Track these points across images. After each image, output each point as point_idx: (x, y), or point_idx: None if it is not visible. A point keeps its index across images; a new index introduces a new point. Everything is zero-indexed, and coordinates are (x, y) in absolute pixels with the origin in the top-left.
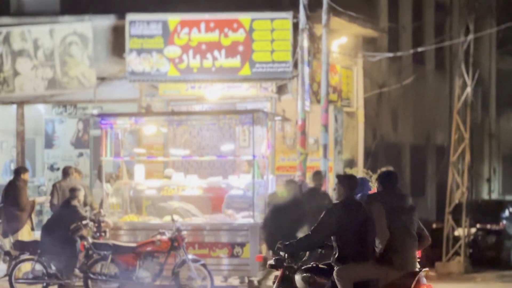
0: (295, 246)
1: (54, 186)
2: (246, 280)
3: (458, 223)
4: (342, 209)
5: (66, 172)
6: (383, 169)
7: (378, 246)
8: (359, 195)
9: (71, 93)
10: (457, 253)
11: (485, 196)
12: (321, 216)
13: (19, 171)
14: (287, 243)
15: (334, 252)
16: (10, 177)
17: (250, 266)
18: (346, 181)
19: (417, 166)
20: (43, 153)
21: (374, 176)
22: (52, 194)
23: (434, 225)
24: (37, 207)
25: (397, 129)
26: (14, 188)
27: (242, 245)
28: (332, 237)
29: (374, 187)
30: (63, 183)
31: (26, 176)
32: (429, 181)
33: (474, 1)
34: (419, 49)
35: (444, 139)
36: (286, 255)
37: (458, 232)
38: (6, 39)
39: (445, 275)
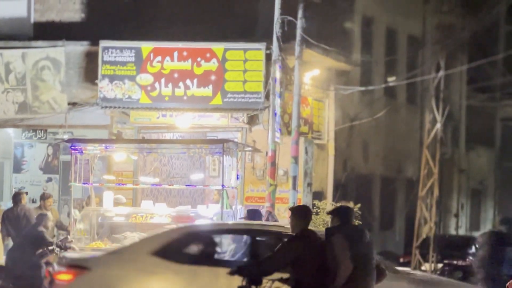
0: (256, 270)
1: (2, 216)
2: None
3: (425, 258)
4: (299, 241)
5: (16, 198)
6: (339, 204)
7: (338, 278)
8: None
9: (41, 117)
10: None
11: (452, 231)
12: (278, 248)
13: None
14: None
15: (292, 284)
16: None
17: None
18: (299, 212)
19: (386, 198)
20: (11, 177)
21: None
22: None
23: (401, 259)
24: None
25: (368, 161)
26: None
27: None
28: (289, 268)
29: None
30: (13, 210)
31: None
32: (398, 214)
33: (446, 38)
34: (391, 84)
35: (414, 172)
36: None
37: (425, 267)
38: None
39: None
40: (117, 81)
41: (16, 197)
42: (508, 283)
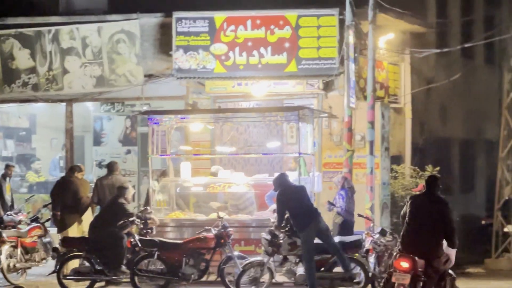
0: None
1: (96, 183)
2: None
3: (507, 220)
4: None
5: (111, 168)
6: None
7: None
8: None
9: (119, 90)
10: (506, 250)
11: None
12: None
13: (74, 169)
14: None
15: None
16: (59, 173)
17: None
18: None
19: (466, 161)
20: (92, 150)
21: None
22: (93, 191)
23: (483, 221)
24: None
25: (446, 124)
26: (71, 185)
27: None
28: None
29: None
30: (105, 180)
31: (80, 175)
32: (479, 177)
33: None
34: (468, 45)
35: (494, 134)
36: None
37: (508, 228)
38: (55, 38)
39: (495, 272)
40: (191, 52)
41: (111, 166)
42: None
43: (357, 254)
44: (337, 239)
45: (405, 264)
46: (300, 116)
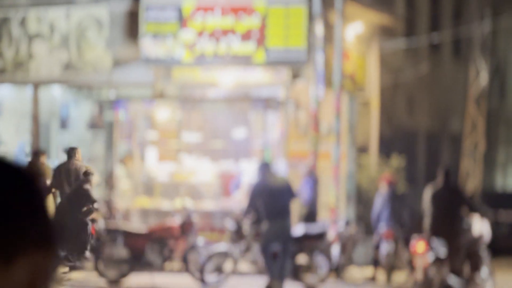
0: None
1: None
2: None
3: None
4: None
5: (68, 154)
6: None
7: None
8: None
9: (86, 76)
10: None
11: (499, 186)
12: None
13: (37, 153)
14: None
15: None
16: (24, 159)
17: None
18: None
19: (431, 153)
20: (58, 135)
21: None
22: (52, 176)
23: None
24: None
25: (412, 116)
26: (35, 171)
27: None
28: None
29: None
30: (62, 166)
31: (43, 158)
32: (444, 169)
33: None
34: (435, 37)
35: (460, 126)
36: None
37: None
38: (22, 22)
39: None
40: (159, 39)
41: (70, 152)
42: None
43: (320, 244)
44: (302, 228)
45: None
46: (266, 106)
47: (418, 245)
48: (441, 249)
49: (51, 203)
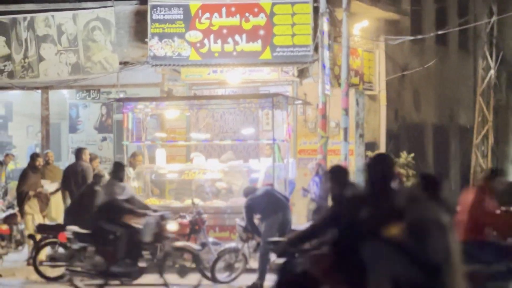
0: None
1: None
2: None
3: None
4: None
5: (76, 155)
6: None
7: None
8: None
9: (94, 77)
10: None
11: (510, 178)
12: None
13: (32, 157)
14: None
15: None
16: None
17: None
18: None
19: (440, 147)
20: (68, 137)
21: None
22: (62, 177)
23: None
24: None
25: (420, 111)
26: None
27: None
28: None
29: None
30: (70, 167)
31: (38, 161)
32: (453, 163)
33: None
34: (442, 32)
35: (468, 120)
36: None
37: None
38: (31, 25)
39: None
40: (166, 39)
41: (77, 153)
42: None
43: None
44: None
45: None
46: (274, 103)
47: None
48: None
49: (61, 203)
